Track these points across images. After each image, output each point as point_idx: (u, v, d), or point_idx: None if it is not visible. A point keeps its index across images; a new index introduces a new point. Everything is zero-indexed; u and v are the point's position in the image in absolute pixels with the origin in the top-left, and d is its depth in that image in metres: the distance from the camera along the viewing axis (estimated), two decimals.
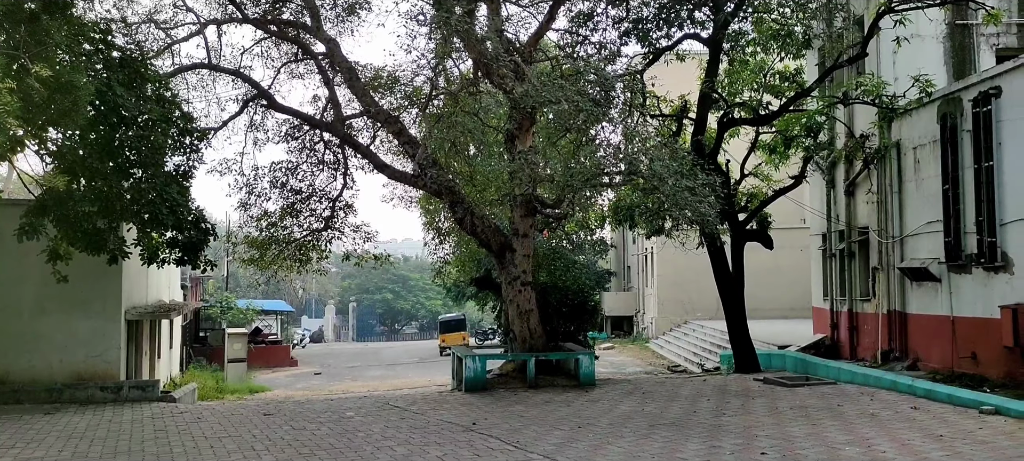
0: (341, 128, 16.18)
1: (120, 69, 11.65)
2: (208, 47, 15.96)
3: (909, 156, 15.07)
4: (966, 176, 13.13)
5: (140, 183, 11.71)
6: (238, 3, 15.49)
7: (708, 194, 12.68)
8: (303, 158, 17.02)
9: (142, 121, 11.58)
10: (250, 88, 16.43)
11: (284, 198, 16.77)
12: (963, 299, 13.45)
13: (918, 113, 14.71)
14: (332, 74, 16.18)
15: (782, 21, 15.40)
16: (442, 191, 15.72)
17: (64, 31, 10.28)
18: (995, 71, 12.80)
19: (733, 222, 17.42)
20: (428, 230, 24.72)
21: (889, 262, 15.83)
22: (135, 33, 14.58)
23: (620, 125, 15.36)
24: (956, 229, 13.36)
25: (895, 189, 15.48)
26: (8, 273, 13.77)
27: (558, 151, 15.92)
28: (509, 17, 16.62)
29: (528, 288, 15.53)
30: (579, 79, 13.44)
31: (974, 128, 12.85)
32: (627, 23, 16.16)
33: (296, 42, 16.53)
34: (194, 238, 12.58)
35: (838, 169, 17.94)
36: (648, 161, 13.32)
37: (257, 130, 17.02)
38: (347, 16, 16.67)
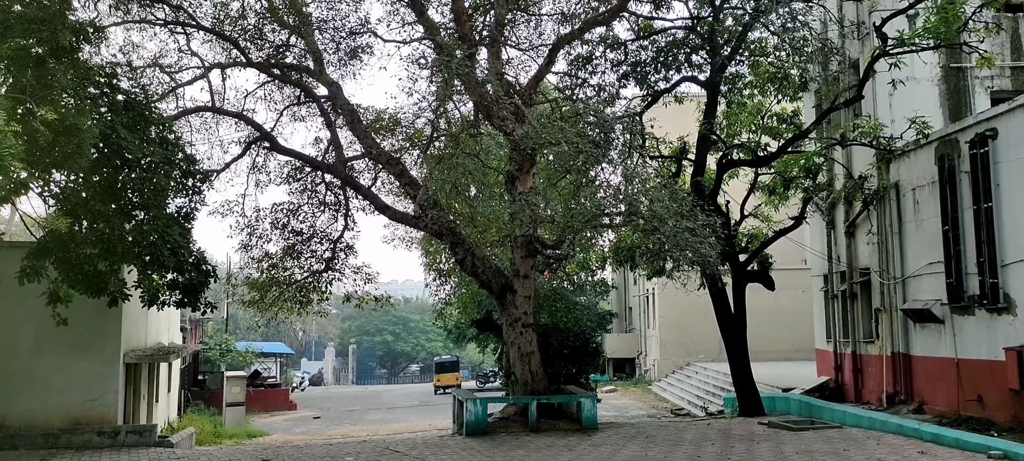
0: (343, 169, 16.29)
1: (124, 112, 11.76)
2: (212, 90, 16.23)
3: (908, 197, 15.12)
4: (966, 217, 13.15)
5: (142, 225, 11.73)
6: (242, 48, 15.74)
7: (708, 235, 12.67)
8: (304, 199, 17.11)
9: (145, 163, 11.64)
10: (253, 130, 16.60)
11: (285, 239, 16.81)
12: (967, 341, 13.35)
13: (916, 154, 14.80)
14: (334, 116, 16.35)
15: (778, 64, 15.60)
16: (443, 232, 15.74)
17: (70, 75, 10.42)
18: (991, 113, 12.92)
19: (734, 263, 17.39)
20: (429, 271, 24.72)
21: (891, 303, 15.75)
22: (140, 77, 14.79)
23: (620, 166, 15.45)
24: (957, 270, 13.33)
25: (895, 230, 15.49)
26: (7, 316, 13.72)
27: (558, 192, 16.00)
28: (509, 60, 16.89)
29: (529, 330, 15.44)
30: (579, 121, 13.56)
31: (972, 169, 12.92)
32: (625, 66, 16.39)
33: (299, 85, 16.75)
34: (195, 280, 12.56)
35: (838, 210, 17.99)
36: (648, 202, 13.35)
37: (259, 172, 17.17)
38: (350, 60, 16.95)
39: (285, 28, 15.97)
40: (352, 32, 16.69)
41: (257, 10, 16.03)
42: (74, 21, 10.80)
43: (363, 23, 16.86)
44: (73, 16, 10.94)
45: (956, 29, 13.25)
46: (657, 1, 16.01)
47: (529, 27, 17.26)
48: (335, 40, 16.71)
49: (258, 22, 15.99)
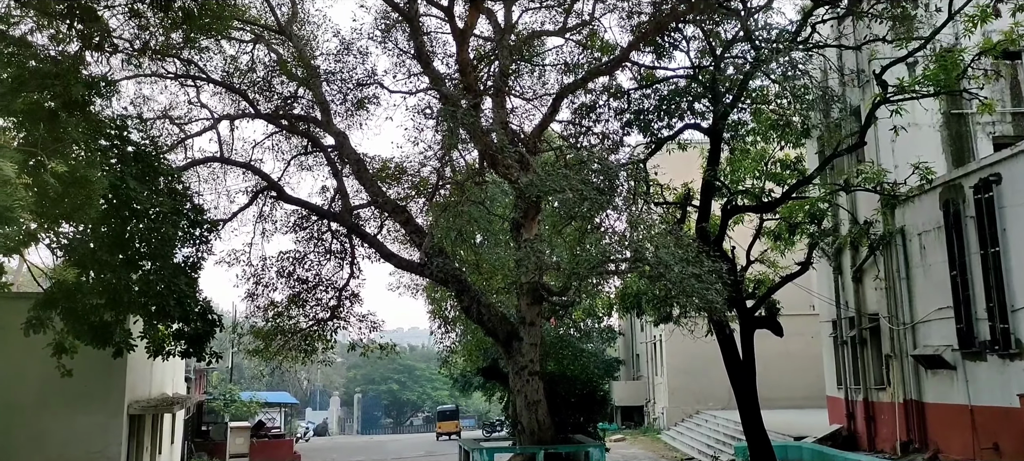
0: (349, 218, 16.37)
1: (134, 163, 11.93)
2: (220, 141, 16.41)
3: (915, 242, 15.08)
4: (973, 262, 13.09)
5: (149, 275, 11.78)
6: (251, 99, 16.01)
7: (715, 281, 12.61)
8: (310, 248, 17.17)
9: (153, 214, 11.76)
10: (260, 180, 16.76)
11: (291, 288, 16.82)
12: (980, 387, 13.15)
13: (920, 200, 14.82)
14: (341, 165, 16.51)
15: (780, 112, 15.74)
16: (448, 279, 15.73)
17: (81, 128, 10.60)
18: (994, 158, 12.97)
19: (741, 309, 17.27)
20: (434, 319, 24.61)
21: (902, 349, 15.58)
22: (150, 128, 15.02)
23: (625, 213, 15.49)
24: (967, 315, 13.21)
25: (903, 275, 15.41)
26: (11, 367, 13.70)
27: (564, 239, 16.01)
28: (513, 109, 17.10)
29: (536, 378, 15.28)
30: (583, 168, 13.65)
31: (977, 214, 12.91)
32: (628, 114, 16.54)
33: (306, 135, 16.96)
34: (200, 329, 12.55)
35: (844, 255, 17.93)
36: (653, 248, 13.32)
37: (266, 221, 17.27)
38: (356, 110, 17.19)
39: (293, 80, 16.26)
40: (359, 83, 16.98)
41: (266, 63, 16.36)
42: (87, 75, 11.04)
43: (370, 74, 17.17)
44: (86, 71, 11.18)
45: (955, 76, 13.39)
46: (659, 51, 16.24)
47: (533, 77, 17.54)
48: (342, 91, 16.98)
49: (267, 74, 16.30)
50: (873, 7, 13.30)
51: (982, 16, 12.56)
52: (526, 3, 16.68)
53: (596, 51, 16.52)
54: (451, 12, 15.14)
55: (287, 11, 16.21)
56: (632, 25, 15.87)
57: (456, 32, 15.15)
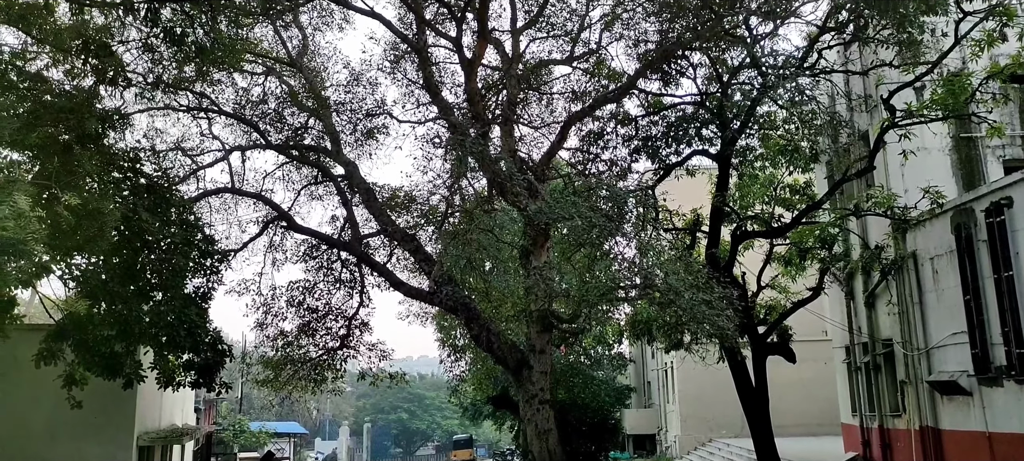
0: (358, 247, 16.43)
1: (146, 194, 12.06)
2: (231, 171, 16.58)
3: (927, 267, 14.95)
4: (987, 286, 12.96)
5: (159, 306, 11.84)
6: (262, 130, 16.18)
7: (725, 307, 12.52)
8: (320, 277, 17.22)
9: (165, 245, 11.85)
10: (270, 210, 16.88)
11: (300, 317, 16.84)
12: (998, 413, 12.94)
13: (931, 224, 14.72)
14: (350, 195, 16.61)
15: (788, 137, 15.73)
16: (458, 308, 15.70)
17: (95, 160, 10.75)
18: (1005, 181, 12.89)
19: (753, 335, 17.12)
20: (444, 347, 24.54)
21: (917, 375, 15.38)
22: (162, 160, 15.20)
23: (634, 239, 15.45)
24: (982, 340, 13.05)
25: (916, 300, 15.26)
26: (22, 399, 13.74)
27: (573, 266, 15.97)
28: (522, 137, 17.20)
29: (546, 406, 15.16)
30: (592, 195, 13.67)
31: (989, 238, 12.81)
32: (636, 141, 16.58)
33: (316, 165, 17.11)
34: (210, 360, 12.57)
35: (856, 280, 17.79)
36: (663, 275, 13.27)
37: (276, 250, 17.37)
38: (366, 140, 17.35)
39: (304, 111, 16.44)
40: (369, 114, 17.15)
41: (277, 94, 16.56)
42: (101, 109, 11.22)
43: (379, 104, 17.35)
44: (100, 105, 11.36)
45: (964, 100, 13.36)
46: (666, 78, 16.32)
47: (541, 105, 17.68)
48: (352, 121, 17.15)
49: (278, 106, 16.49)
50: (879, 33, 13.34)
51: (989, 41, 12.57)
52: (533, 33, 16.87)
53: (603, 79, 16.64)
54: (459, 43, 15.31)
55: (298, 44, 16.45)
56: (639, 53, 16.00)
57: (464, 62, 15.32)
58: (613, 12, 15.93)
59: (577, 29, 16.46)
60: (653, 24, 15.48)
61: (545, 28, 16.81)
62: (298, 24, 16.43)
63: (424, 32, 15.38)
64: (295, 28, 16.45)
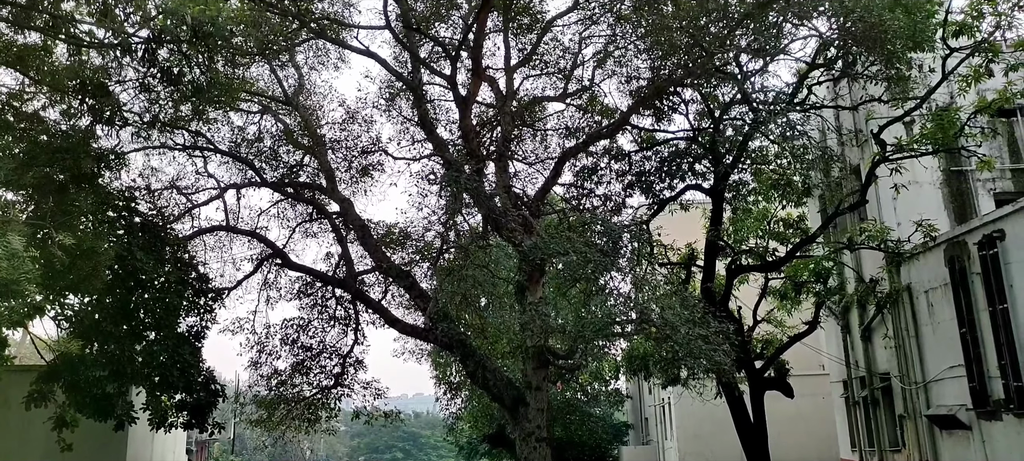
0: (353, 284, 16.37)
1: (141, 233, 12.05)
2: (227, 209, 16.55)
3: (922, 300, 14.98)
4: (982, 319, 12.98)
5: (152, 346, 11.75)
6: (257, 168, 16.22)
7: (722, 342, 12.48)
8: (314, 314, 17.11)
9: (159, 284, 11.80)
10: (265, 248, 16.83)
11: (294, 355, 16.69)
12: (998, 447, 12.85)
13: (925, 257, 14.79)
14: (345, 232, 16.60)
15: (780, 171, 15.87)
16: (453, 344, 15.61)
17: (90, 200, 10.75)
18: (996, 215, 12.99)
19: (750, 370, 17.05)
20: (439, 385, 24.33)
21: (915, 409, 15.30)
22: (157, 199, 15.20)
23: (629, 274, 15.46)
24: (980, 374, 13.02)
25: (912, 333, 15.25)
26: (12, 442, 13.52)
27: (569, 301, 15.94)
28: (516, 173, 17.27)
29: (543, 444, 14.98)
30: (586, 230, 13.70)
31: (983, 271, 12.86)
32: (630, 176, 16.70)
33: (311, 202, 17.12)
34: (203, 400, 12.44)
35: (852, 314, 17.79)
36: (659, 310, 13.26)
37: (270, 288, 17.27)
38: (361, 177, 17.42)
39: (299, 149, 16.52)
40: (364, 151, 17.24)
41: (273, 133, 16.65)
42: (97, 149, 11.25)
43: (375, 142, 17.45)
44: (96, 144, 11.39)
45: (953, 134, 13.54)
46: (658, 114, 16.51)
47: (535, 141, 17.80)
48: (347, 158, 17.24)
49: (274, 144, 16.56)
50: (867, 69, 13.56)
51: (975, 76, 12.79)
52: (527, 70, 17.07)
53: (597, 115, 16.80)
54: (454, 81, 15.48)
55: (294, 83, 16.59)
56: (631, 89, 16.19)
57: (459, 99, 15.46)
58: (605, 50, 16.16)
59: (570, 66, 16.67)
60: (645, 61, 15.70)
61: (539, 66, 17.03)
62: (294, 63, 16.60)
63: (419, 70, 15.54)
64: (291, 67, 16.61)
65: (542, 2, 16.62)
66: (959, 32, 12.22)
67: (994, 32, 12.15)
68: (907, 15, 11.77)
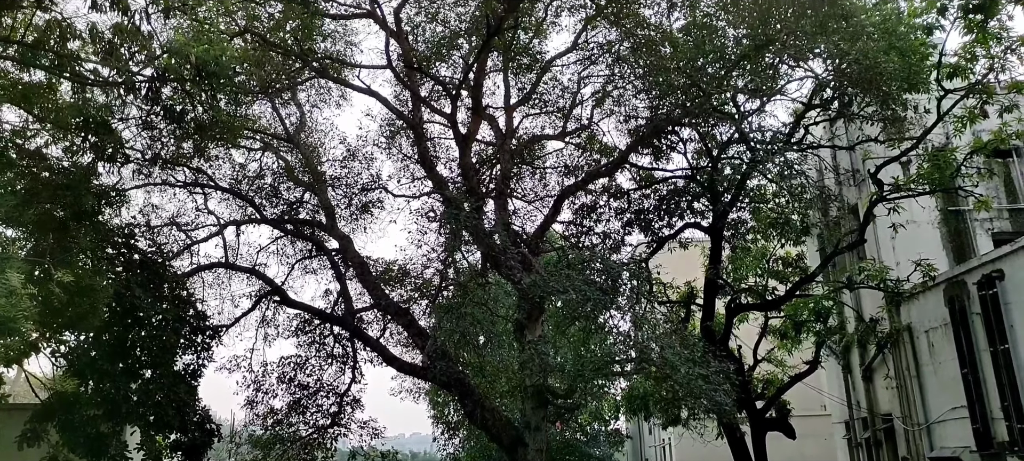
0: (351, 321, 16.29)
1: (140, 270, 12.03)
2: (226, 246, 16.54)
3: (922, 340, 14.92)
4: (984, 359, 12.91)
5: (148, 384, 11.64)
6: (257, 205, 16.26)
7: (722, 381, 12.39)
8: (312, 352, 17.00)
9: (156, 321, 11.74)
10: (264, 284, 16.79)
11: (291, 394, 16.53)
12: None
13: (925, 297, 14.77)
14: (344, 269, 16.57)
15: (779, 210, 15.91)
16: (452, 383, 15.47)
17: (90, 237, 10.76)
18: (995, 254, 13.02)
19: (751, 411, 16.89)
20: (437, 424, 24.04)
21: (918, 451, 15.13)
22: (157, 235, 15.19)
23: (628, 312, 15.40)
24: (982, 415, 12.91)
25: (913, 373, 15.16)
26: None
27: (568, 340, 15.86)
28: (516, 211, 17.32)
29: None
30: (586, 268, 13.68)
31: (983, 311, 12.84)
32: (629, 214, 16.74)
33: (311, 239, 17.13)
34: (198, 440, 12.29)
35: (852, 354, 17.70)
36: (659, 349, 13.18)
37: (268, 325, 17.19)
38: (361, 214, 17.45)
39: (300, 186, 16.58)
40: (364, 188, 17.30)
41: (274, 170, 16.72)
42: (98, 185, 11.29)
43: (375, 179, 17.52)
44: (97, 181, 11.44)
45: (949, 175, 13.62)
46: (657, 153, 16.61)
47: (534, 179, 17.88)
48: (348, 195, 17.29)
49: (274, 181, 16.63)
50: (863, 110, 13.70)
51: (970, 117, 12.92)
52: (526, 109, 17.23)
53: (595, 153, 16.92)
54: (454, 119, 15.61)
55: (296, 120, 16.72)
56: (630, 128, 16.34)
57: (459, 137, 15.57)
58: (604, 90, 16.34)
59: (569, 106, 16.84)
60: (643, 101, 15.87)
61: (538, 105, 17.20)
62: (296, 101, 16.75)
63: (419, 108, 15.69)
64: (293, 105, 16.76)
65: (541, 43, 16.84)
66: (953, 74, 12.38)
67: (987, 74, 12.31)
68: (901, 57, 11.93)
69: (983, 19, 11.50)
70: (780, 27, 12.67)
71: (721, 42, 13.51)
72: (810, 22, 12.31)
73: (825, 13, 12.34)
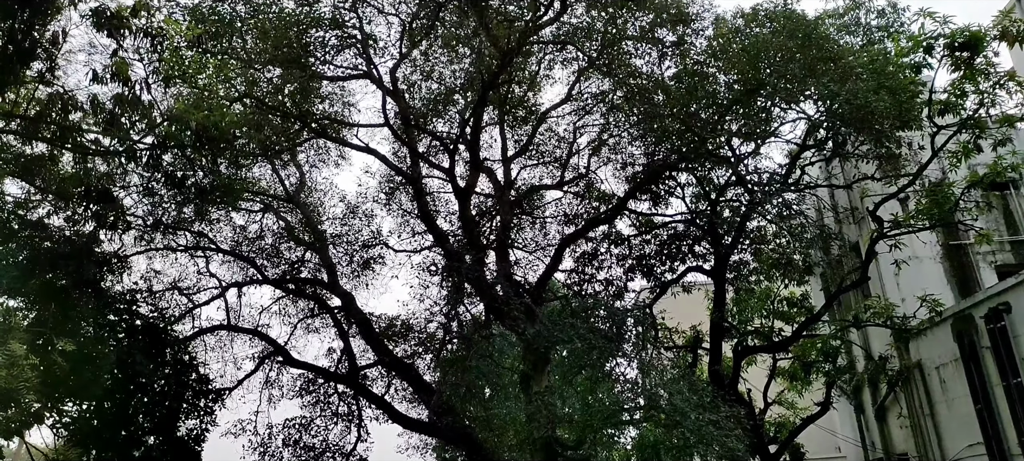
0: (356, 379, 16.16)
1: (142, 336, 12.00)
2: (227, 308, 16.52)
3: (934, 376, 14.73)
4: (997, 394, 12.72)
5: (151, 452, 11.50)
6: (259, 266, 16.29)
7: (734, 427, 12.19)
8: (317, 412, 16.81)
9: (158, 387, 11.67)
10: (267, 345, 16.71)
11: (297, 456, 16.28)
12: None
13: (933, 332, 14.63)
14: (347, 326, 16.51)
15: (780, 250, 15.89)
16: (458, 438, 15.27)
17: (91, 304, 10.77)
18: (1001, 287, 12.94)
19: (764, 455, 16.57)
20: None
21: None
22: (159, 300, 15.19)
23: (635, 359, 15.26)
24: (1000, 452, 12.65)
25: (927, 411, 14.92)
26: None
27: (575, 389, 15.66)
28: (517, 261, 17.31)
29: None
30: (590, 316, 13.61)
31: (992, 345, 12.70)
32: (631, 260, 16.73)
33: (313, 298, 17.10)
34: None
35: (864, 393, 17.45)
36: (667, 395, 13.02)
37: (272, 386, 17.03)
38: (362, 270, 17.46)
39: (301, 245, 16.63)
40: (365, 244, 17.35)
41: (275, 230, 16.81)
42: (100, 253, 11.36)
43: (375, 235, 17.58)
44: (99, 248, 11.51)
45: (948, 209, 13.62)
46: (655, 198, 16.69)
47: (534, 229, 17.94)
48: (348, 252, 17.33)
49: (275, 241, 16.70)
50: (857, 148, 13.79)
51: (965, 152, 12.97)
52: (524, 160, 17.39)
53: (594, 201, 17.00)
54: (453, 173, 15.75)
55: (295, 181, 16.87)
56: (627, 175, 16.46)
57: (458, 191, 15.69)
58: (599, 138, 16.52)
59: (566, 155, 17.00)
60: (639, 147, 16.02)
61: (535, 155, 17.37)
62: (296, 162, 16.92)
63: (418, 164, 15.84)
64: (293, 166, 16.93)
65: (536, 95, 17.11)
66: (945, 110, 12.49)
67: (978, 110, 12.41)
68: (892, 96, 12.07)
69: (969, 57, 11.65)
70: (770, 71, 12.85)
71: (713, 87, 13.70)
72: (799, 65, 12.49)
73: (813, 56, 12.54)
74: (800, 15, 13.39)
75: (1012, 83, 11.95)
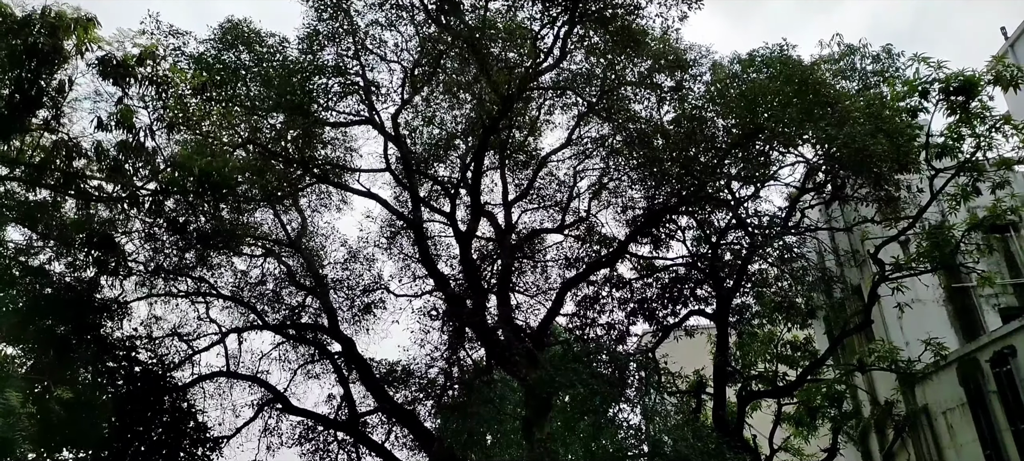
0: (356, 426, 15.95)
1: (140, 382, 11.89)
2: (227, 354, 16.38)
3: (941, 421, 14.53)
4: (1006, 439, 12.54)
5: None
6: (259, 311, 16.22)
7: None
8: (316, 460, 16.55)
9: (156, 435, 11.52)
10: (266, 392, 16.53)
11: None
12: None
13: (938, 376, 14.49)
14: (347, 372, 16.36)
15: (782, 294, 15.83)
16: None
17: (90, 351, 10.70)
18: (1005, 331, 12.86)
19: None
20: None
21: None
22: (158, 346, 15.07)
23: (638, 404, 15.08)
24: None
25: (935, 457, 14.68)
26: None
27: (578, 436, 15.44)
28: (518, 305, 17.25)
29: None
30: (592, 360, 13.51)
31: (999, 389, 12.58)
32: (632, 304, 16.65)
33: (313, 343, 16.99)
34: None
35: (871, 439, 17.19)
36: (671, 442, 12.84)
37: (271, 434, 16.78)
38: (363, 315, 17.37)
39: (301, 290, 16.58)
40: (366, 289, 17.31)
41: (276, 275, 16.77)
42: (100, 299, 11.33)
43: (376, 280, 17.55)
44: (99, 294, 11.49)
45: (949, 252, 13.61)
46: (656, 241, 16.70)
47: (535, 273, 17.91)
48: (349, 297, 17.27)
49: (276, 286, 16.65)
50: (856, 191, 13.84)
51: (963, 195, 13.01)
52: (525, 204, 17.46)
53: (595, 244, 17.01)
54: (453, 217, 15.80)
55: (297, 226, 16.90)
56: (627, 218, 16.50)
57: (459, 235, 15.71)
58: (600, 182, 16.62)
59: (566, 199, 17.07)
60: (639, 191, 16.10)
61: (536, 199, 17.44)
62: (298, 207, 16.98)
63: (419, 208, 15.89)
64: (295, 211, 16.98)
65: (536, 140, 17.26)
66: (942, 153, 12.57)
67: (975, 153, 12.50)
68: (889, 139, 12.17)
69: (965, 101, 11.78)
70: (768, 115, 12.99)
71: (711, 131, 13.84)
72: (796, 109, 12.63)
73: (810, 101, 12.68)
74: (796, 61, 13.60)
75: (1008, 127, 12.06)
